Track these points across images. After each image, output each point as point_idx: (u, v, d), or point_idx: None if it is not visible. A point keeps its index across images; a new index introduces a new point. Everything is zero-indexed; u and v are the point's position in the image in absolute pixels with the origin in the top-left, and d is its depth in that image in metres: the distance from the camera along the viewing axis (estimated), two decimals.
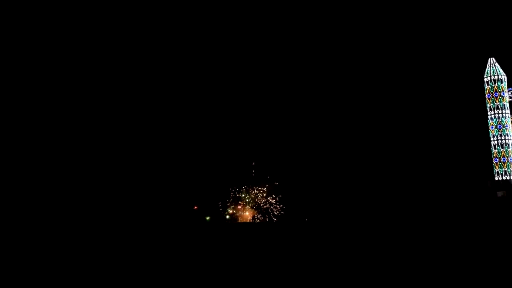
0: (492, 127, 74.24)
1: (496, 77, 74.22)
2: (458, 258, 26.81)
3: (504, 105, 73.88)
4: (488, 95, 74.85)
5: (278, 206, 77.53)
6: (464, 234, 42.02)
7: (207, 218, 75.73)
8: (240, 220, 77.66)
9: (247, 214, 77.98)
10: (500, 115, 73.69)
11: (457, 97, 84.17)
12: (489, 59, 75.63)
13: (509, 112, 74.04)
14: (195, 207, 76.97)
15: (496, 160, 73.75)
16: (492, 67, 74.94)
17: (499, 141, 73.49)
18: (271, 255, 30.16)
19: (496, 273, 22.05)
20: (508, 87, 74.68)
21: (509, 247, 30.58)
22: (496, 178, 73.33)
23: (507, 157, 72.89)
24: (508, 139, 73.21)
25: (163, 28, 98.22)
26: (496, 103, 74.02)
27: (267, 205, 77.80)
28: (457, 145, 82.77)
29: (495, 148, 73.90)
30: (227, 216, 77.66)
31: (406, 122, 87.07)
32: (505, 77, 74.50)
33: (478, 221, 57.16)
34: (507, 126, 73.50)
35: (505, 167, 72.88)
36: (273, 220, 76.54)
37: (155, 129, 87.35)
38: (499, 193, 71.89)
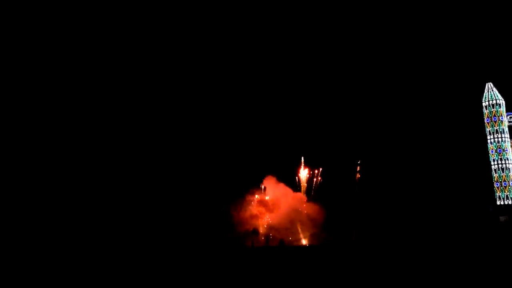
0: (492, 151, 73.96)
1: (494, 101, 74.51)
2: (463, 283, 26.28)
3: (503, 129, 73.84)
4: (487, 120, 74.94)
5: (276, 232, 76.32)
6: (469, 260, 41.21)
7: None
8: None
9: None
10: (500, 139, 73.55)
11: (456, 122, 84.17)
12: (487, 84, 76.05)
13: (508, 136, 73.88)
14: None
15: (497, 184, 73.10)
16: (490, 92, 75.34)
17: (500, 165, 73.05)
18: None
19: None
20: (506, 112, 74.79)
21: None
22: (498, 203, 72.49)
23: (508, 181, 72.24)
24: (508, 163, 72.75)
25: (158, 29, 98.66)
26: (495, 127, 74.00)
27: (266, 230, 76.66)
28: (458, 170, 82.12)
29: (495, 173, 73.37)
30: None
31: (407, 148, 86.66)
32: (503, 102, 74.77)
33: (482, 246, 56.08)
34: (507, 150, 73.19)
35: (506, 191, 72.16)
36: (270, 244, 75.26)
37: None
38: (502, 218, 70.89)
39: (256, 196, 79.33)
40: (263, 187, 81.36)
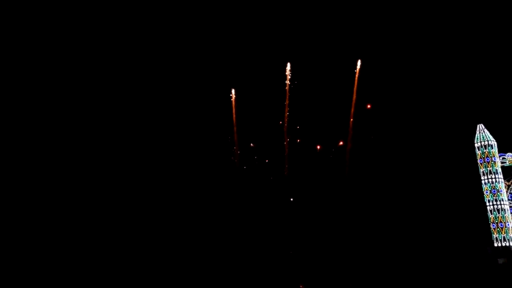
0: (487, 192, 73.89)
1: (486, 142, 75.22)
2: None
3: (496, 170, 74.12)
4: (480, 160, 75.39)
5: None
6: None
7: None
8: None
9: None
10: (494, 179, 73.68)
11: (449, 164, 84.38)
12: (478, 125, 76.96)
13: (502, 177, 74.09)
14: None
15: (493, 226, 72.49)
16: (482, 133, 76.16)
17: (495, 206, 72.78)
18: None
19: None
20: (499, 152, 75.31)
21: None
22: (496, 245, 71.57)
23: (504, 222, 71.73)
24: (503, 204, 72.54)
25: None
26: (488, 168, 74.30)
27: None
28: (453, 212, 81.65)
29: (491, 214, 72.97)
30: None
31: (401, 192, 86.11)
32: (495, 143, 75.45)
33: None
34: (501, 191, 73.18)
35: (503, 233, 71.47)
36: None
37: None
38: (500, 260, 69.80)
39: None
40: None
